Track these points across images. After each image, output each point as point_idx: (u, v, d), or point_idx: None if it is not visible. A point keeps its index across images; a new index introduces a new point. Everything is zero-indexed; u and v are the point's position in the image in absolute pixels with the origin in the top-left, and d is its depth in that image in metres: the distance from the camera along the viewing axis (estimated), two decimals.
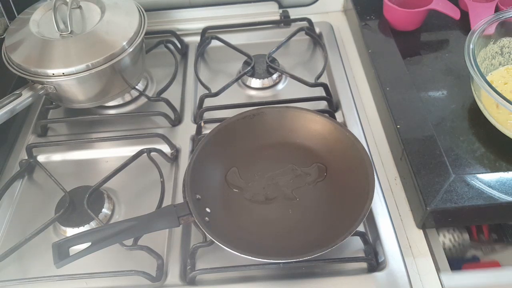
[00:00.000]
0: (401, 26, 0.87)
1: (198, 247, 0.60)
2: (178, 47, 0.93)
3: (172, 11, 0.97)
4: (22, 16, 0.77)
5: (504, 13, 0.72)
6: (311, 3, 0.99)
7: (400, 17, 0.85)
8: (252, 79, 0.85)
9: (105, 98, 0.77)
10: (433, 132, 0.66)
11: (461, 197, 0.59)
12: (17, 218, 0.69)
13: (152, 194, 0.68)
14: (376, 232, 0.61)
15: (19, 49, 0.71)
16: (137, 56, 0.77)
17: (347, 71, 0.85)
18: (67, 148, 0.77)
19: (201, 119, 0.77)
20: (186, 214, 0.57)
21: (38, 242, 0.64)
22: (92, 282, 0.60)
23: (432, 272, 0.59)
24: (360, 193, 0.59)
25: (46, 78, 0.69)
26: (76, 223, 0.65)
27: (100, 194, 0.68)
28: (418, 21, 0.86)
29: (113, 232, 0.55)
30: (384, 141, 0.74)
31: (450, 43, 0.85)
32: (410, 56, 0.82)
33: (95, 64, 0.69)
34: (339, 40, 0.93)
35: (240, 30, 0.96)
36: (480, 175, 0.61)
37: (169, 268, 0.60)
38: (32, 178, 0.74)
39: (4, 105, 0.67)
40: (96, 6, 0.77)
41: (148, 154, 0.72)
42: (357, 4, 0.92)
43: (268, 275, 0.59)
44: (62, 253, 0.53)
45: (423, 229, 0.63)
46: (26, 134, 0.80)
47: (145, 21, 0.77)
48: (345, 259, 0.59)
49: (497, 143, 0.67)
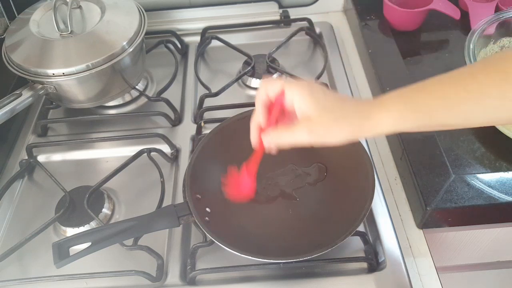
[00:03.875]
0: (401, 26, 0.87)
1: (198, 247, 0.60)
2: (178, 47, 0.93)
3: (172, 11, 0.97)
4: (22, 16, 0.77)
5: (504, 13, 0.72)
6: (311, 3, 0.99)
7: (400, 17, 0.85)
8: (252, 79, 0.85)
9: (105, 98, 0.77)
10: (433, 132, 0.66)
11: (461, 197, 0.59)
12: (17, 218, 0.69)
13: (152, 194, 0.68)
14: (376, 232, 0.61)
15: (19, 49, 0.71)
16: (137, 56, 0.77)
17: (347, 71, 0.85)
18: (67, 148, 0.77)
19: (201, 119, 0.77)
20: (186, 214, 0.57)
21: (38, 242, 0.64)
22: (92, 282, 0.60)
23: (432, 272, 0.59)
24: (360, 193, 0.58)
25: (46, 78, 0.69)
26: (76, 223, 0.65)
27: (100, 194, 0.68)
28: (418, 21, 0.86)
29: (113, 232, 0.55)
30: (384, 141, 0.74)
31: (450, 43, 0.85)
32: (410, 56, 0.82)
33: (95, 64, 0.69)
34: (339, 40, 0.93)
35: (240, 30, 0.96)
36: (480, 175, 0.61)
37: (169, 268, 0.60)
38: (32, 178, 0.74)
39: (4, 105, 0.67)
40: (96, 6, 0.77)
41: (148, 154, 0.72)
42: (357, 4, 0.92)
43: (268, 275, 0.59)
44: (62, 253, 0.53)
45: (423, 229, 0.63)
46: (26, 134, 0.80)
47: (145, 21, 0.77)
48: (345, 259, 0.59)
49: (497, 143, 0.67)
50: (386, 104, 0.45)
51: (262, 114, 0.50)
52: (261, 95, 0.50)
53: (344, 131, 0.46)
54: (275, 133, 0.49)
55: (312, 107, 0.46)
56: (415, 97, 0.45)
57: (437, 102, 0.43)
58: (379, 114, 0.45)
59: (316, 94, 0.46)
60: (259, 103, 0.50)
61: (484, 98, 0.41)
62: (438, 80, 0.44)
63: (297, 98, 0.47)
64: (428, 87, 0.44)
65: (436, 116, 0.44)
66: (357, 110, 0.47)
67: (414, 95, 0.45)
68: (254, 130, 0.52)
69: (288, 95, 0.47)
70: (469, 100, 0.41)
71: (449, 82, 0.43)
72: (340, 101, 0.47)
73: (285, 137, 0.49)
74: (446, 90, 0.43)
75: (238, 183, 0.58)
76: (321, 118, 0.46)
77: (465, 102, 0.42)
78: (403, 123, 0.45)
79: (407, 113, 0.44)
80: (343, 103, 0.47)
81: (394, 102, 0.45)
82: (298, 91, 0.47)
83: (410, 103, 0.44)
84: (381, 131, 0.46)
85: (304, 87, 0.47)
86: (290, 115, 0.50)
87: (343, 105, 0.47)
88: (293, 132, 0.48)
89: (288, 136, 0.48)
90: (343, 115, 0.46)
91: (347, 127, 0.46)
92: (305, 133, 0.47)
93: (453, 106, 0.42)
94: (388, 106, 0.45)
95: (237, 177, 0.58)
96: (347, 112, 0.46)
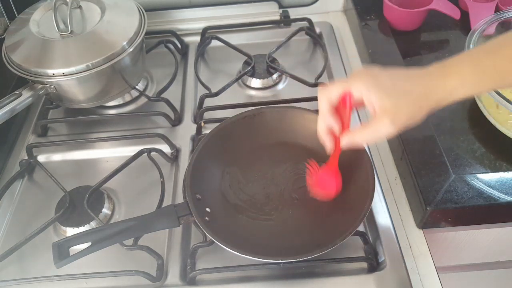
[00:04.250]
0: (401, 26, 0.87)
1: (198, 247, 0.60)
2: (178, 47, 0.93)
3: (172, 11, 0.97)
4: (22, 16, 0.77)
5: (504, 13, 0.72)
6: (311, 3, 0.99)
7: (400, 17, 0.85)
8: (252, 79, 0.85)
9: (105, 98, 0.77)
10: (433, 132, 0.66)
11: (461, 197, 0.59)
12: (17, 218, 0.69)
13: (152, 194, 0.68)
14: (376, 232, 0.61)
15: (19, 49, 0.71)
16: (137, 56, 0.77)
17: (347, 71, 0.85)
18: (67, 148, 0.76)
19: (201, 119, 0.77)
20: (186, 214, 0.57)
21: (38, 242, 0.64)
22: (92, 282, 0.60)
23: (432, 272, 0.59)
24: (360, 193, 0.59)
25: (46, 78, 0.69)
26: (76, 223, 0.65)
27: (100, 194, 0.68)
28: (418, 21, 0.86)
29: (113, 232, 0.55)
30: (384, 141, 0.74)
31: (450, 43, 0.85)
32: (410, 56, 0.82)
33: (95, 64, 0.69)
34: (339, 40, 0.93)
35: (240, 30, 0.96)
36: (480, 175, 0.61)
37: (169, 268, 0.60)
38: (32, 178, 0.74)
39: (4, 105, 0.67)
40: (96, 6, 0.77)
41: (148, 154, 0.72)
42: (357, 4, 0.92)
43: (268, 275, 0.59)
44: (62, 253, 0.53)
45: (423, 229, 0.63)
46: (26, 134, 0.80)
47: (145, 21, 0.77)
48: (345, 259, 0.59)
49: (497, 143, 0.67)
50: (459, 72, 0.44)
51: (334, 122, 0.49)
52: (323, 105, 0.49)
53: (424, 109, 0.45)
54: (357, 134, 0.48)
55: (385, 98, 0.44)
56: (488, 61, 0.43)
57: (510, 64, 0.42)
58: (454, 82, 0.44)
59: (382, 83, 0.45)
60: (325, 112, 0.49)
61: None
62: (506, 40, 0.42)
63: (366, 94, 0.45)
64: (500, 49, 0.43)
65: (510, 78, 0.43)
66: (429, 83, 0.45)
67: (486, 60, 0.43)
68: (325, 136, 0.51)
69: (355, 93, 0.46)
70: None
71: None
72: (409, 80, 0.46)
73: (370, 135, 0.48)
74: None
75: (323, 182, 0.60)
76: (397, 105, 0.44)
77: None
78: (479, 88, 0.44)
79: (482, 78, 0.43)
80: (412, 81, 0.46)
81: (466, 70, 0.44)
82: (364, 87, 0.45)
83: (483, 69, 0.43)
84: (457, 97, 0.45)
85: (368, 80, 0.45)
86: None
87: (413, 83, 0.45)
88: (376, 127, 0.46)
89: (373, 134, 0.47)
90: (418, 94, 0.45)
91: (425, 104, 0.45)
92: (389, 125, 0.45)
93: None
94: (462, 73, 0.44)
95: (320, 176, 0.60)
96: (419, 89, 0.45)
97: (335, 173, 0.59)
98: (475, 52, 0.44)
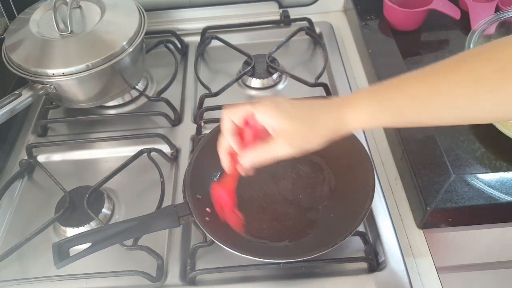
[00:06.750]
0: (401, 26, 0.87)
1: (198, 247, 0.60)
2: (178, 47, 0.93)
3: (172, 11, 0.97)
4: (22, 16, 0.77)
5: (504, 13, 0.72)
6: (311, 3, 0.99)
7: (400, 17, 0.85)
8: (252, 79, 0.85)
9: (105, 98, 0.77)
10: (433, 132, 0.66)
11: (461, 197, 0.59)
12: (17, 218, 0.69)
13: (152, 194, 0.68)
14: (376, 232, 0.61)
15: (19, 49, 0.71)
16: (137, 56, 0.77)
17: (347, 71, 0.85)
18: (67, 148, 0.76)
19: (201, 119, 0.77)
20: (186, 214, 0.57)
21: (38, 242, 0.64)
22: (92, 282, 0.60)
23: (432, 272, 0.59)
24: (360, 193, 0.58)
25: (46, 78, 0.69)
26: (76, 223, 0.65)
27: (100, 194, 0.68)
28: (418, 21, 0.86)
29: (113, 232, 0.55)
30: (384, 141, 0.74)
31: (450, 43, 0.85)
32: (410, 56, 0.82)
33: (95, 64, 0.69)
34: (339, 40, 0.93)
35: (240, 30, 0.96)
36: (480, 175, 0.61)
37: (169, 268, 0.60)
38: (32, 178, 0.74)
39: (4, 105, 0.67)
40: (96, 6, 0.76)
41: (148, 154, 0.72)
42: (357, 4, 0.92)
43: (268, 275, 0.59)
44: (62, 253, 0.53)
45: (423, 229, 0.63)
46: (26, 134, 0.80)
47: (145, 21, 0.76)
48: (345, 259, 0.59)
49: (497, 143, 0.67)
50: (357, 104, 0.46)
51: (234, 142, 0.50)
52: (226, 124, 0.50)
53: (321, 135, 0.47)
54: (254, 153, 0.49)
55: (283, 121, 0.46)
56: (386, 96, 0.45)
57: (407, 101, 0.43)
58: (352, 114, 0.46)
59: (283, 107, 0.47)
60: (227, 132, 0.50)
61: (456, 98, 0.40)
62: (409, 77, 0.44)
63: (265, 116, 0.47)
64: (400, 85, 0.44)
65: (407, 115, 0.44)
66: (329, 112, 0.47)
67: (384, 95, 0.45)
68: (224, 156, 0.52)
69: (258, 116, 0.48)
70: (440, 100, 0.41)
71: (421, 80, 0.43)
72: (310, 107, 0.47)
73: (265, 154, 0.49)
74: (416, 89, 0.43)
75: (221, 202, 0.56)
76: (295, 128, 0.46)
77: (435, 102, 0.41)
78: (376, 121, 0.46)
79: (378, 113, 0.45)
80: (313, 108, 0.47)
81: (364, 102, 0.45)
82: (264, 110, 0.47)
83: (380, 103, 0.45)
84: (355, 128, 0.47)
85: (269, 104, 0.47)
86: (263, 136, 0.50)
87: (313, 110, 0.47)
88: (273, 147, 0.48)
89: (268, 153, 0.48)
90: (316, 120, 0.47)
91: (322, 130, 0.47)
92: (284, 146, 0.47)
93: (424, 105, 0.42)
94: (359, 105, 0.45)
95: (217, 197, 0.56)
96: (319, 116, 0.47)
97: (230, 195, 0.55)
98: (379, 89, 0.45)
